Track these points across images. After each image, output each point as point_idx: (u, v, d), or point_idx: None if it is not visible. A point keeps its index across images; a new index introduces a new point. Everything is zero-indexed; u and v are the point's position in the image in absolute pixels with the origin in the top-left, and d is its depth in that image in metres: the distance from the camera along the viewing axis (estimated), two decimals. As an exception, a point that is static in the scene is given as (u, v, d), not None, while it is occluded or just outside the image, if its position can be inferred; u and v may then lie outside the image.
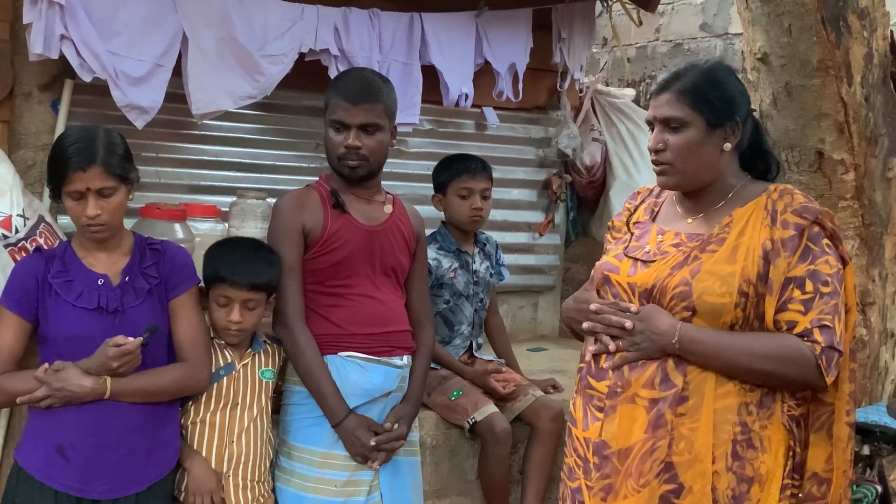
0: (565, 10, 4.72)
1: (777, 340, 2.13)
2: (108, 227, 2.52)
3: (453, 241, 3.61)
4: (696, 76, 2.25)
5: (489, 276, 3.74)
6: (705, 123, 2.22)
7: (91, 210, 2.46)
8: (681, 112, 2.22)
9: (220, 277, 2.73)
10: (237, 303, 2.73)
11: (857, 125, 3.28)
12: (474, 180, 3.60)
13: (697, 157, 2.24)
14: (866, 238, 3.46)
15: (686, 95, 2.22)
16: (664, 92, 2.26)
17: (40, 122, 3.55)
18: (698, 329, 2.15)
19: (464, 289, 3.61)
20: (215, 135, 4.20)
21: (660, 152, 2.26)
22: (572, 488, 2.32)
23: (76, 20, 3.23)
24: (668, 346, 2.15)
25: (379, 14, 4.08)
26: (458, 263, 3.60)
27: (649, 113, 2.30)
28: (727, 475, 2.14)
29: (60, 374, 2.45)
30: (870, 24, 3.25)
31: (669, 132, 2.24)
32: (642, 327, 2.18)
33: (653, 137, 2.28)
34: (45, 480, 2.47)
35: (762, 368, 2.12)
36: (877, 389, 3.63)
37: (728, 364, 2.14)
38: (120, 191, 2.50)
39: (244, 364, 2.81)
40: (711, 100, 2.22)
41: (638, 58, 6.32)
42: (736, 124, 2.25)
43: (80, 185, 2.45)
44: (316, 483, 2.81)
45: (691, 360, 2.15)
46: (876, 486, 3.21)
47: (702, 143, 2.23)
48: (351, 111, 2.81)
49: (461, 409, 3.40)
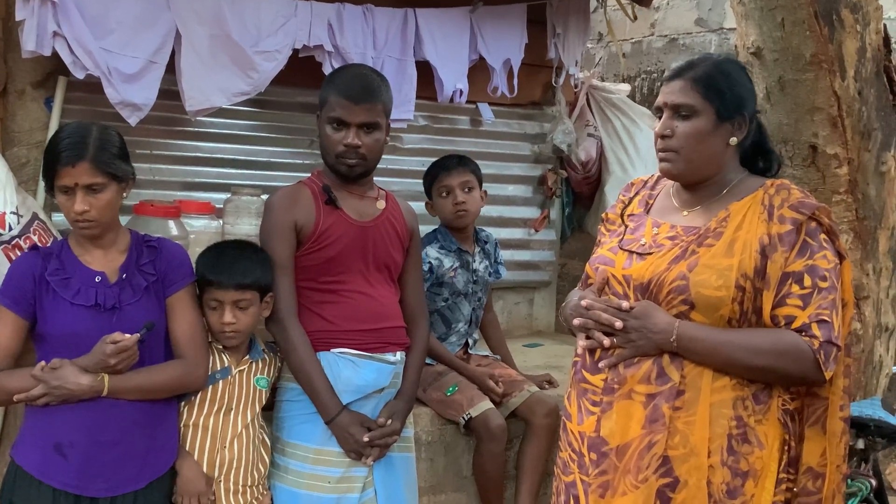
0: (560, 6, 4.71)
1: (775, 336, 2.13)
2: (97, 224, 2.51)
3: (454, 241, 3.62)
4: (711, 67, 2.25)
5: (488, 274, 3.75)
6: (715, 114, 2.22)
7: (78, 206, 2.46)
8: (693, 100, 2.22)
9: (207, 281, 2.73)
10: (227, 304, 2.71)
11: (851, 119, 3.29)
12: (450, 176, 3.60)
13: (703, 147, 2.24)
14: (860, 232, 3.47)
15: (699, 84, 2.22)
16: (677, 79, 2.26)
17: (34, 120, 3.56)
18: (696, 326, 2.15)
19: (463, 287, 3.62)
20: (209, 131, 4.20)
21: (666, 138, 2.26)
22: (566, 482, 2.32)
23: (69, 17, 3.23)
24: (666, 344, 2.15)
25: (373, 10, 4.08)
26: (459, 262, 3.61)
27: (660, 98, 2.29)
28: (722, 469, 2.14)
29: (58, 372, 2.44)
30: (863, 18, 3.26)
31: (679, 119, 2.24)
32: (639, 325, 2.17)
33: (661, 123, 2.27)
34: (44, 478, 2.47)
35: (760, 364, 2.12)
36: (871, 383, 3.64)
37: (726, 361, 2.14)
38: (109, 188, 2.49)
39: (240, 370, 2.80)
40: (724, 91, 2.22)
41: (633, 53, 6.32)
42: (743, 119, 2.25)
43: (69, 180, 2.45)
44: (310, 479, 2.80)
45: (689, 358, 2.15)
46: (871, 479, 3.22)
47: (710, 133, 2.23)
48: (352, 110, 2.80)
49: (457, 405, 3.40)
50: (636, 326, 2.18)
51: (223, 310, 2.71)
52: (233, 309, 2.71)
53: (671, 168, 2.29)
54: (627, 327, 2.18)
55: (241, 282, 2.72)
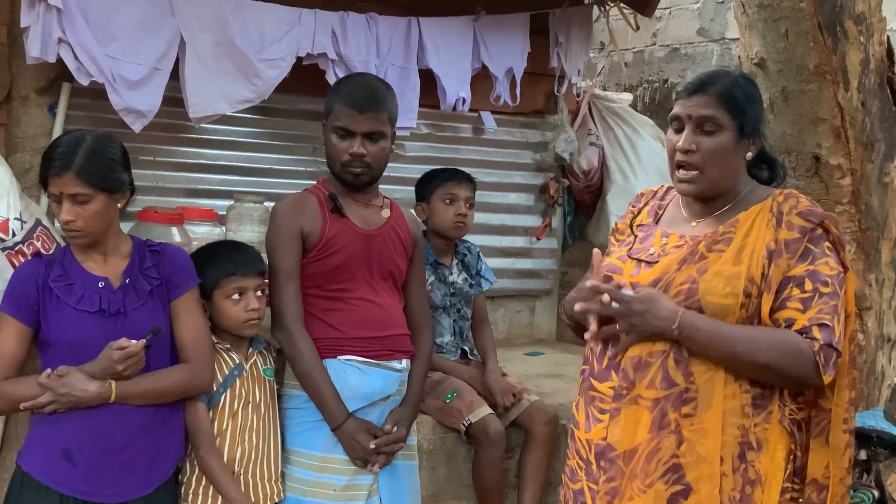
0: (562, 15, 4.72)
1: (778, 335, 2.13)
2: (84, 234, 2.51)
3: (431, 253, 3.62)
4: (732, 83, 2.26)
5: (468, 286, 3.74)
6: (737, 130, 2.23)
7: (63, 215, 2.47)
8: (719, 114, 2.22)
9: (229, 273, 2.77)
10: (251, 290, 2.79)
11: (854, 130, 3.28)
12: (459, 187, 3.64)
13: (726, 163, 2.24)
14: (863, 243, 3.46)
15: (725, 100, 2.22)
16: (700, 93, 2.25)
17: (37, 126, 3.56)
18: (700, 317, 2.14)
19: (440, 301, 3.62)
20: (213, 138, 4.20)
21: (690, 153, 2.24)
22: (574, 490, 2.32)
23: (73, 24, 3.24)
24: (668, 331, 2.14)
25: (376, 18, 4.09)
26: (435, 276, 3.61)
27: (681, 111, 2.26)
28: (733, 477, 2.14)
29: (65, 380, 2.44)
30: (866, 29, 3.25)
31: (702, 135, 2.23)
32: (642, 308, 2.15)
33: (685, 137, 2.25)
34: (51, 485, 2.46)
35: (761, 361, 2.11)
36: (873, 394, 3.63)
37: (727, 354, 2.13)
38: (96, 199, 2.48)
39: (251, 363, 2.84)
40: (745, 108, 2.23)
41: (635, 62, 6.33)
42: (759, 134, 2.28)
43: (55, 189, 2.47)
44: (315, 487, 2.81)
45: (690, 349, 2.14)
46: (873, 490, 3.21)
47: (732, 149, 2.24)
48: (357, 119, 2.80)
49: (456, 412, 3.39)
50: (640, 310, 2.15)
51: (248, 297, 2.79)
52: (255, 295, 2.80)
53: (693, 188, 2.27)
54: (631, 311, 2.16)
55: (261, 268, 2.85)
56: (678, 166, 2.28)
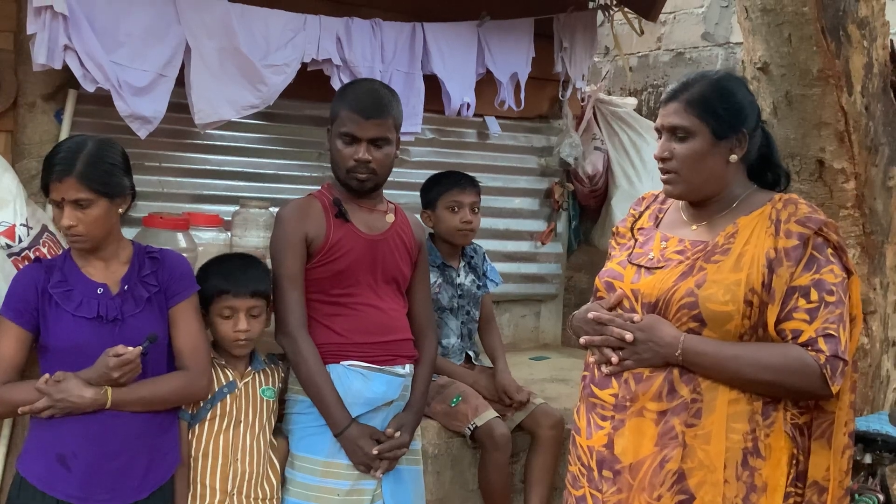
0: (567, 20, 4.74)
1: (782, 351, 2.13)
2: (86, 239, 2.53)
3: (438, 255, 3.63)
4: (705, 87, 2.26)
5: (475, 288, 3.75)
6: (711, 134, 2.23)
7: (65, 220, 2.49)
8: (687, 122, 2.23)
9: (222, 290, 2.76)
10: (242, 312, 2.77)
11: (858, 134, 3.28)
12: (464, 193, 3.64)
13: (703, 167, 2.25)
14: (867, 247, 3.46)
15: (693, 106, 2.23)
16: (672, 101, 2.27)
17: (44, 132, 3.57)
18: (702, 340, 2.15)
19: (448, 303, 3.62)
20: (218, 144, 4.21)
21: (666, 160, 2.27)
22: (576, 496, 2.32)
23: (79, 31, 3.25)
24: (672, 357, 2.15)
25: (381, 24, 4.11)
26: (443, 278, 3.62)
27: (657, 121, 2.31)
28: (737, 484, 2.13)
29: (61, 385, 2.45)
30: (869, 33, 3.25)
31: (676, 141, 2.25)
32: (645, 337, 2.18)
33: (659, 146, 2.29)
34: (47, 490, 2.48)
35: (767, 379, 2.12)
36: (878, 398, 3.62)
37: (732, 375, 2.13)
38: (98, 204, 2.49)
39: (245, 382, 2.83)
40: (718, 111, 2.23)
41: (639, 67, 6.34)
42: (743, 136, 2.25)
43: (56, 194, 2.49)
44: (318, 492, 2.81)
45: (695, 372, 2.15)
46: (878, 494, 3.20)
47: (707, 153, 2.24)
48: (362, 125, 2.81)
49: (461, 416, 3.40)
50: (642, 339, 2.18)
51: (238, 318, 2.76)
52: (246, 316, 2.76)
53: (672, 190, 2.31)
54: (635, 339, 2.19)
55: (255, 289, 2.80)
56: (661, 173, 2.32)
